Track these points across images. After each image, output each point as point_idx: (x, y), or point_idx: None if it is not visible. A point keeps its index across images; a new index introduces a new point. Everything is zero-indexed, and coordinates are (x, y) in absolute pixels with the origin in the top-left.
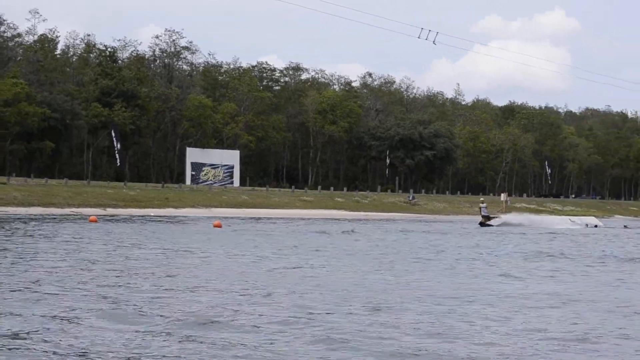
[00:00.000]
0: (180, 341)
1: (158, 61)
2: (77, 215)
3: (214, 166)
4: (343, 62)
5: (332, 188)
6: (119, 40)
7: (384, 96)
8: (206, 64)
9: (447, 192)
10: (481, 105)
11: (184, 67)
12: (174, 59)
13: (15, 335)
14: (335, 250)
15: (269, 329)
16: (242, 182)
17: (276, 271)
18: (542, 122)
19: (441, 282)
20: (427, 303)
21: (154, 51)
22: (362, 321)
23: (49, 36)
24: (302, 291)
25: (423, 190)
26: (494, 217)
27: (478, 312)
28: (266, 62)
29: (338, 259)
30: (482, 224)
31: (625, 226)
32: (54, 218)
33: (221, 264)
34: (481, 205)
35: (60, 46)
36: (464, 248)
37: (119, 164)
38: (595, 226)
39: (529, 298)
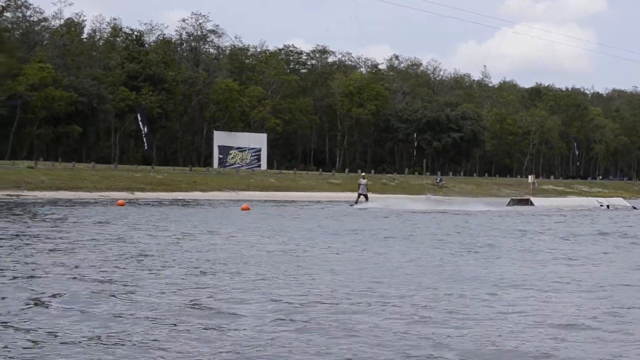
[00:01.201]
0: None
1: (185, 45)
2: (105, 199)
3: (241, 149)
4: (369, 45)
5: (359, 171)
6: (146, 24)
7: (411, 78)
8: (233, 47)
9: (475, 174)
10: (508, 87)
11: (211, 50)
12: (201, 43)
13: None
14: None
15: None
16: (270, 166)
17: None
18: (569, 104)
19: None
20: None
21: (180, 35)
22: None
23: (75, 20)
24: None
25: (450, 173)
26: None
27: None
28: (293, 45)
29: None
30: (355, 203)
31: (634, 207)
32: (85, 202)
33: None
34: (361, 181)
35: (86, 30)
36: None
37: (146, 147)
38: (608, 207)
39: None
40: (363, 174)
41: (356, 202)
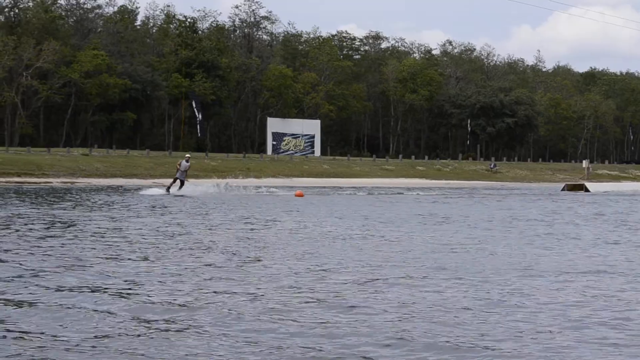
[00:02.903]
0: None
1: (238, 31)
2: (159, 185)
3: (294, 136)
4: (423, 30)
5: (413, 157)
6: (199, 10)
7: (464, 64)
8: (286, 33)
9: (529, 160)
10: (562, 72)
11: (264, 37)
12: (254, 29)
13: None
14: None
15: None
16: (323, 152)
17: None
18: (624, 88)
19: None
20: None
21: (233, 21)
22: None
23: (129, 7)
24: None
25: (504, 158)
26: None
27: None
28: (346, 31)
29: None
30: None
31: None
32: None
33: None
34: (182, 163)
35: (140, 17)
36: None
37: (200, 134)
38: None
39: None
40: (188, 155)
41: (168, 188)
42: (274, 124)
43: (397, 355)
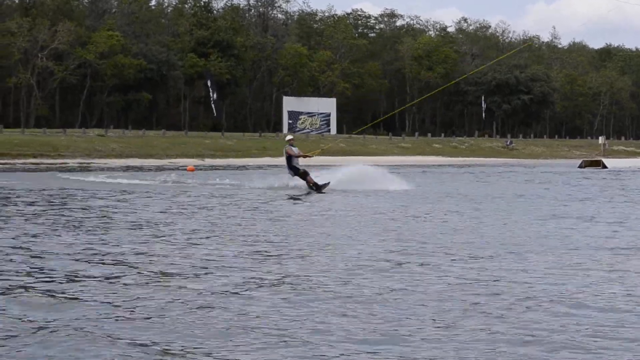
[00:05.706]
0: None
1: (253, 10)
2: (175, 165)
3: (310, 114)
4: (438, 7)
5: (429, 134)
6: None
7: (480, 41)
8: (301, 12)
9: (545, 136)
10: (577, 49)
11: (279, 16)
12: (269, 8)
13: None
14: None
15: None
16: (339, 130)
17: None
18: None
19: None
20: None
21: (248, 1)
22: None
23: None
24: None
25: (520, 135)
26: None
27: None
28: (361, 10)
29: None
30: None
31: None
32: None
33: None
34: (292, 150)
35: None
36: None
37: (215, 114)
38: None
39: None
40: (290, 136)
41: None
42: (289, 103)
43: None
